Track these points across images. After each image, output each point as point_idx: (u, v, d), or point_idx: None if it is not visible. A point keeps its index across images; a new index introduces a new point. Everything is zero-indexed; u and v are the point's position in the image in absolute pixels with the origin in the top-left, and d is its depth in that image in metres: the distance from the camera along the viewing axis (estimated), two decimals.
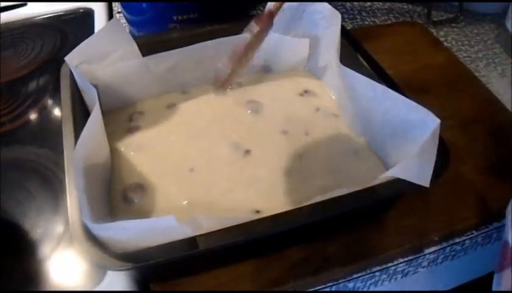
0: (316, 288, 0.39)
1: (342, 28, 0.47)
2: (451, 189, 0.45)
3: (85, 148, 0.35)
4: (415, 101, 0.38)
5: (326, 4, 0.48)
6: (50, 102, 0.56)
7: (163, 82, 0.48)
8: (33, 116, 0.54)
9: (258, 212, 0.38)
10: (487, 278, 0.57)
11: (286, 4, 0.48)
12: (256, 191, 0.40)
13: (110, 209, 0.39)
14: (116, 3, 0.72)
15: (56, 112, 0.54)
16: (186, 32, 0.51)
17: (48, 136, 0.51)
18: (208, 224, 0.32)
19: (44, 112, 0.54)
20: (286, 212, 0.34)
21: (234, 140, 0.44)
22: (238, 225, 0.32)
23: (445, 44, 0.65)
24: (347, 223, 0.41)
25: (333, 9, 0.47)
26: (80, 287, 0.38)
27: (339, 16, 0.46)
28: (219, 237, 0.32)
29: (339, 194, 0.34)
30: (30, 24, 0.69)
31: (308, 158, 0.43)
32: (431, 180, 0.33)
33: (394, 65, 0.56)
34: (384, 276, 0.42)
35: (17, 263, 0.40)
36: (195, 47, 0.47)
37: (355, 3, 0.74)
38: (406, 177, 0.34)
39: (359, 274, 0.40)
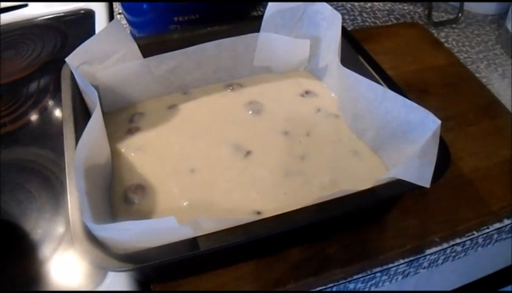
0: (317, 289, 0.39)
1: (343, 29, 0.47)
2: (452, 190, 0.45)
3: (85, 149, 0.35)
4: (416, 102, 0.38)
5: (326, 5, 0.48)
6: (51, 103, 0.56)
7: (164, 83, 0.49)
8: (33, 117, 0.54)
9: (258, 213, 0.38)
10: (488, 279, 0.57)
11: (287, 5, 0.48)
12: (257, 192, 0.40)
13: (110, 209, 0.39)
14: (117, 4, 0.72)
15: (57, 112, 0.54)
16: (186, 33, 0.51)
17: (49, 137, 0.51)
18: (208, 225, 0.32)
19: (45, 113, 0.54)
20: (286, 213, 0.33)
21: (235, 141, 0.44)
22: (238, 226, 0.32)
23: (445, 45, 0.65)
24: (348, 224, 0.41)
25: (334, 10, 0.47)
26: (81, 288, 0.38)
27: (340, 16, 0.46)
28: (219, 238, 0.32)
29: (340, 195, 0.34)
30: (31, 25, 0.69)
31: (309, 159, 0.43)
32: (432, 181, 0.33)
33: (394, 66, 0.57)
34: (385, 277, 0.42)
35: (18, 263, 0.40)
36: (196, 48, 0.47)
37: (356, 4, 0.74)
38: (407, 178, 0.34)
39: (360, 275, 0.40)
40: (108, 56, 0.44)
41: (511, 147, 0.49)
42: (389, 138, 0.41)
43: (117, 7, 0.72)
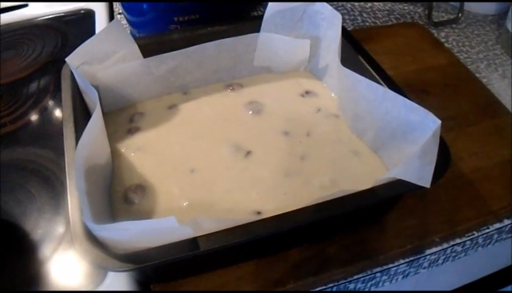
0: (317, 289, 0.39)
1: (343, 29, 0.47)
2: (452, 190, 0.45)
3: (85, 149, 0.35)
4: (416, 102, 0.38)
5: (326, 5, 0.48)
6: (51, 103, 0.56)
7: (164, 83, 0.49)
8: (34, 117, 0.54)
9: (259, 213, 0.38)
10: (488, 279, 0.57)
11: (287, 5, 0.48)
12: (257, 192, 0.40)
13: (110, 209, 0.39)
14: (117, 4, 0.72)
15: (57, 113, 0.54)
16: (187, 33, 0.51)
17: (49, 137, 0.51)
18: (209, 225, 0.32)
19: (45, 113, 0.54)
20: (287, 213, 0.33)
21: (236, 141, 0.44)
22: (238, 226, 0.32)
23: (446, 45, 0.65)
24: (348, 224, 0.41)
25: (334, 10, 0.47)
26: (81, 288, 0.38)
27: (340, 16, 0.46)
28: (219, 238, 0.32)
29: (340, 195, 0.34)
30: (31, 25, 0.69)
31: (309, 159, 0.43)
32: (432, 181, 0.33)
33: (394, 66, 0.57)
34: (385, 277, 0.42)
35: (18, 263, 0.40)
36: (196, 48, 0.47)
37: (356, 4, 0.74)
38: (407, 178, 0.34)
39: (360, 275, 0.40)
40: (108, 56, 0.44)
41: (511, 147, 0.49)
42: (389, 138, 0.41)
43: (117, 7, 0.72)
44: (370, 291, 0.43)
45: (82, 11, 0.71)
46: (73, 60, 0.42)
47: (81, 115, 0.41)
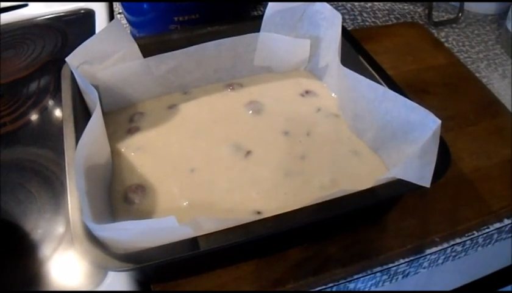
0: (317, 289, 0.39)
1: (343, 29, 0.47)
2: (452, 190, 0.45)
3: (85, 148, 0.35)
4: (416, 102, 0.38)
5: (326, 5, 0.48)
6: (51, 103, 0.56)
7: (164, 82, 0.49)
8: (34, 116, 0.54)
9: (259, 213, 0.38)
10: (488, 279, 0.57)
11: (287, 5, 0.48)
12: (257, 192, 0.40)
13: (110, 209, 0.39)
14: (117, 4, 0.72)
15: (57, 112, 0.54)
16: (187, 33, 0.51)
17: (49, 137, 0.51)
18: (208, 225, 0.32)
19: (45, 113, 0.54)
20: (286, 213, 0.33)
21: (236, 141, 0.44)
22: (238, 226, 0.32)
23: (446, 44, 0.65)
24: (348, 224, 0.41)
25: (334, 10, 0.47)
26: (81, 288, 0.38)
27: (340, 16, 0.46)
28: (219, 238, 0.32)
29: (340, 195, 0.34)
30: (31, 24, 0.69)
31: (309, 158, 0.43)
32: (432, 181, 0.33)
33: (394, 66, 0.57)
34: (385, 277, 0.42)
35: (18, 263, 0.40)
36: (196, 48, 0.47)
37: (356, 4, 0.74)
38: (407, 178, 0.34)
39: (360, 275, 0.40)
40: (108, 56, 0.44)
41: (511, 147, 0.49)
42: (389, 138, 0.41)
43: (117, 6, 0.72)
44: (370, 291, 0.43)
45: (82, 11, 0.71)
46: (73, 59, 0.42)
47: (81, 115, 0.41)
